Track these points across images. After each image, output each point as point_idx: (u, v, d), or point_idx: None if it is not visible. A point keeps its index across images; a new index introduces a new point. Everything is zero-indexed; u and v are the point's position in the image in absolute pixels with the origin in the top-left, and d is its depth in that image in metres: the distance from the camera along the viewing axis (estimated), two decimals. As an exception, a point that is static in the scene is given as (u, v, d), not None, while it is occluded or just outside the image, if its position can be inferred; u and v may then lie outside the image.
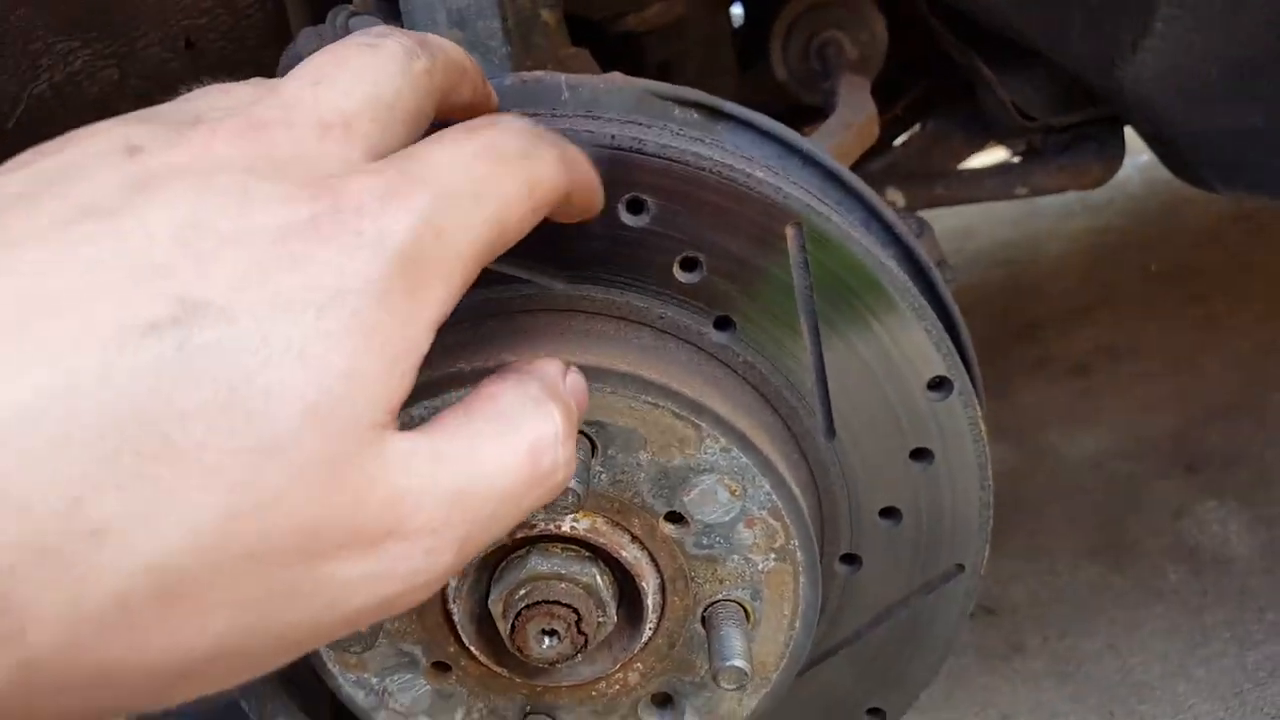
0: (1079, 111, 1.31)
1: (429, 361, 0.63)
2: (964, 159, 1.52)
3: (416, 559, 0.38)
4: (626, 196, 0.64)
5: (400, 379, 0.39)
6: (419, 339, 0.39)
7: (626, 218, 0.64)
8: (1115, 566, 1.63)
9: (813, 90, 1.40)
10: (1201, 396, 1.96)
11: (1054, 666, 1.49)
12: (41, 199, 0.35)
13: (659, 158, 0.64)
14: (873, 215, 0.75)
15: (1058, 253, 2.80)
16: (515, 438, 0.43)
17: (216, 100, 0.44)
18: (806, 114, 1.55)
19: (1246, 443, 1.80)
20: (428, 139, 0.45)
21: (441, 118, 0.52)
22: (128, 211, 0.35)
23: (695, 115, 0.78)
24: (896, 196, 1.40)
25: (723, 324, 0.67)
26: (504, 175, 0.44)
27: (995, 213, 3.21)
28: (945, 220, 3.25)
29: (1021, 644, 1.55)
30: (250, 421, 0.34)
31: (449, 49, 0.53)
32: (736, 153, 0.68)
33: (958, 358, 0.69)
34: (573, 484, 0.58)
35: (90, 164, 0.37)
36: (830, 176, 0.75)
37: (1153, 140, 1.27)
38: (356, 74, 0.44)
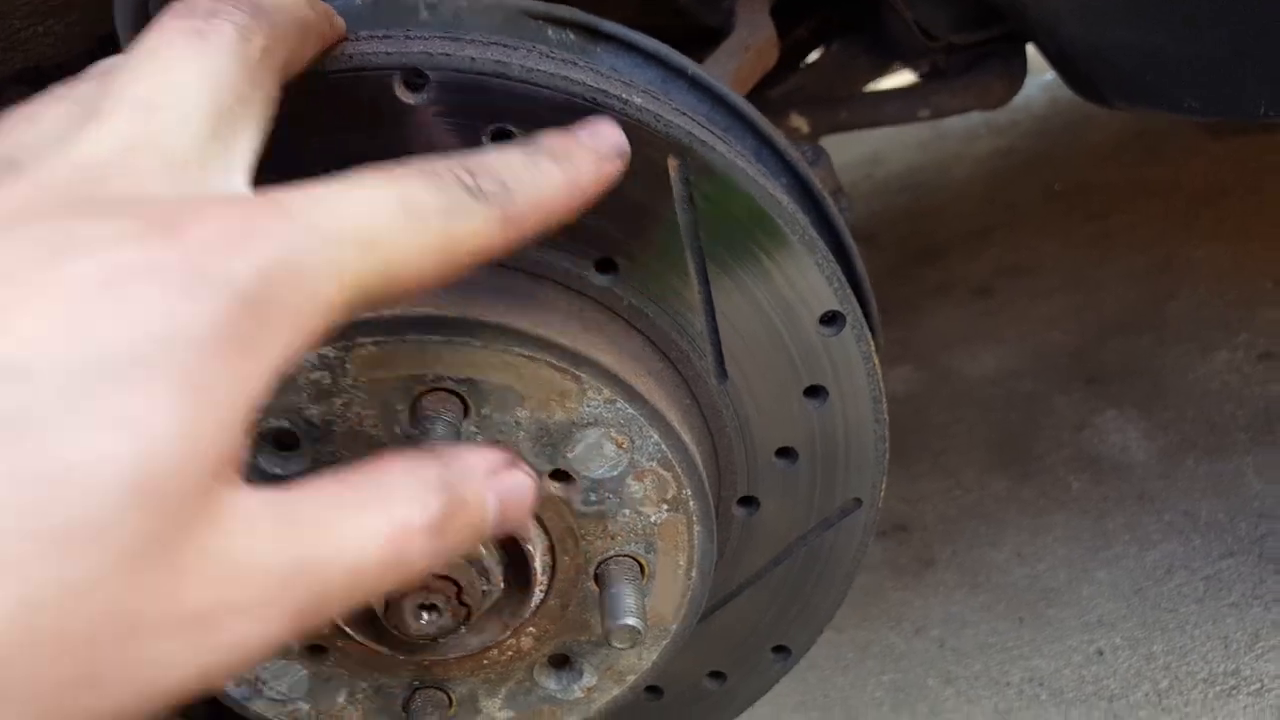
0: (982, 30, 1.24)
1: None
2: (868, 82, 1.45)
3: (243, 628, 0.33)
4: (491, 128, 0.56)
5: (236, 435, 0.33)
6: (257, 391, 0.34)
7: (492, 154, 0.56)
8: (1020, 479, 1.62)
9: (713, 11, 1.31)
10: (1100, 311, 1.95)
11: (964, 578, 1.49)
12: None
13: (525, 83, 0.56)
14: (764, 143, 0.68)
15: (963, 176, 2.77)
16: (380, 518, 0.37)
17: (25, 137, 0.37)
18: (708, 36, 1.46)
19: (1143, 354, 1.80)
20: (332, 180, 0.38)
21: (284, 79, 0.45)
22: None
23: (571, 36, 0.69)
24: (800, 122, 1.33)
25: (605, 266, 0.60)
26: (409, 231, 0.38)
27: (902, 138, 3.16)
28: (854, 148, 3.20)
29: (932, 558, 1.54)
30: (59, 502, 0.28)
31: (286, 6, 0.45)
32: (613, 77, 0.60)
33: (850, 291, 0.63)
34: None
35: None
36: (719, 102, 0.67)
37: (1054, 57, 1.22)
38: (189, 85, 0.38)
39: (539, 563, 0.61)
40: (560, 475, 0.59)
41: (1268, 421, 1.56)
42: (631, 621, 0.58)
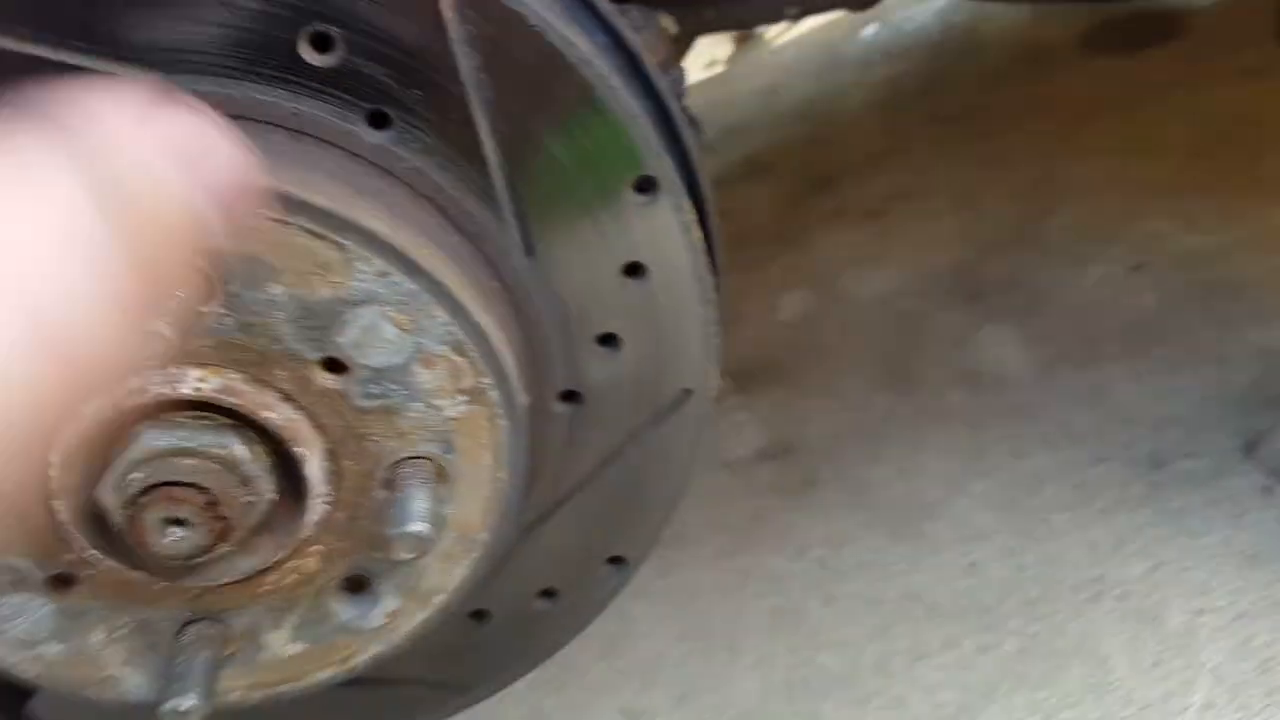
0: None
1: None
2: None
3: None
4: None
5: None
6: None
7: (225, -21, 0.47)
8: (902, 396, 1.61)
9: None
10: (983, 230, 1.95)
11: (845, 496, 1.47)
12: None
13: None
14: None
15: (858, 103, 2.74)
16: None
17: None
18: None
19: (1023, 270, 1.80)
20: None
21: None
22: None
23: None
24: (667, 22, 1.25)
25: (378, 120, 0.52)
26: None
27: (800, 68, 3.12)
28: (752, 79, 3.14)
29: (815, 479, 1.52)
30: None
31: None
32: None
33: (666, 157, 0.56)
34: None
35: None
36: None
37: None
38: None
39: (315, 468, 0.53)
40: (333, 364, 0.51)
41: (1138, 331, 1.58)
42: (416, 528, 0.51)
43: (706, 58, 3.40)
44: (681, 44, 1.33)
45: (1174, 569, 1.21)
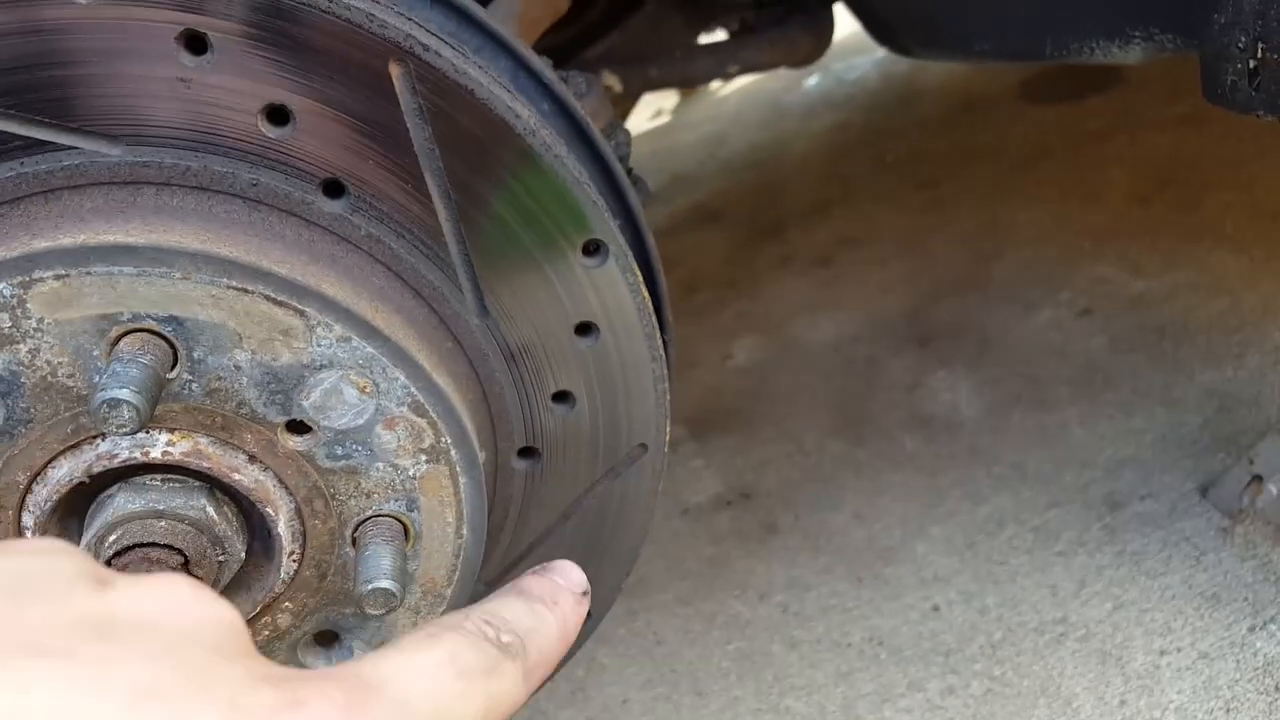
0: (787, -17, 1.26)
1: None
2: (685, 42, 1.45)
3: None
4: (182, 31, 0.50)
5: None
6: None
7: (189, 60, 0.51)
8: (857, 441, 1.66)
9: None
10: (931, 275, 2.02)
11: (806, 541, 1.51)
12: None
13: None
14: (520, 65, 0.65)
15: (802, 151, 2.84)
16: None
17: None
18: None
19: (971, 314, 1.87)
20: (388, 648, 0.39)
21: None
22: (86, 659, 0.31)
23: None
24: (613, 81, 1.31)
25: (333, 190, 0.56)
26: (463, 696, 0.40)
27: (745, 117, 3.22)
28: (699, 129, 3.24)
29: (775, 524, 1.55)
30: None
31: None
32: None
33: (611, 221, 0.60)
34: (125, 394, 0.46)
35: (55, 582, 0.33)
36: (467, 20, 0.64)
37: (859, 10, 1.24)
38: None
39: (283, 528, 0.56)
40: (297, 426, 0.54)
41: (1088, 374, 1.65)
42: (385, 584, 0.54)
43: (653, 107, 3.51)
44: (626, 102, 1.39)
45: (1135, 610, 1.26)
